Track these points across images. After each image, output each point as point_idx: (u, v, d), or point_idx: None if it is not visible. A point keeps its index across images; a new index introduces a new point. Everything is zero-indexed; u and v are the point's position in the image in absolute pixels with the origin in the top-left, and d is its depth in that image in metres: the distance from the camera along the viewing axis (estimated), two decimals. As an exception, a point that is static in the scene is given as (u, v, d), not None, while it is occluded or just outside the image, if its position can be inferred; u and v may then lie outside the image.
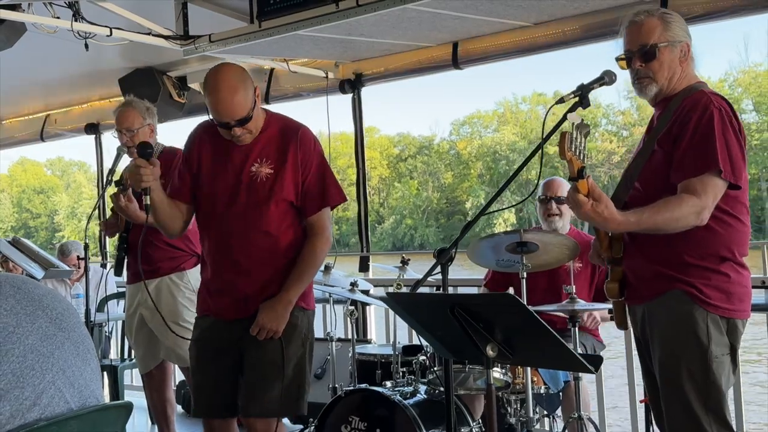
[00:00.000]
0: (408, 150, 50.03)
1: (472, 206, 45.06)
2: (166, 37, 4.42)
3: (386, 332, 5.20)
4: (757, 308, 3.72)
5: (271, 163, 2.95)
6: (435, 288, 4.21)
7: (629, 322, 2.76)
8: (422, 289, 2.61)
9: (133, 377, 6.17)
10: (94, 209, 4.91)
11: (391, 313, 5.00)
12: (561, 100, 2.57)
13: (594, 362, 2.37)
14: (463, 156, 47.90)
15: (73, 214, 54.00)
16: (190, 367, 3.23)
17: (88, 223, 4.39)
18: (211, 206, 3.03)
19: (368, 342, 4.93)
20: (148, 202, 2.92)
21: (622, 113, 41.95)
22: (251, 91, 2.91)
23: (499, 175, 45.17)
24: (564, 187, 4.02)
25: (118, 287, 5.73)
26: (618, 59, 2.69)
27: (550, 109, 2.67)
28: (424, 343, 3.42)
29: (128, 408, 1.60)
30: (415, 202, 47.46)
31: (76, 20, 4.10)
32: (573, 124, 2.39)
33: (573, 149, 2.37)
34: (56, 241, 48.26)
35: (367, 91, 5.31)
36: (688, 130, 2.49)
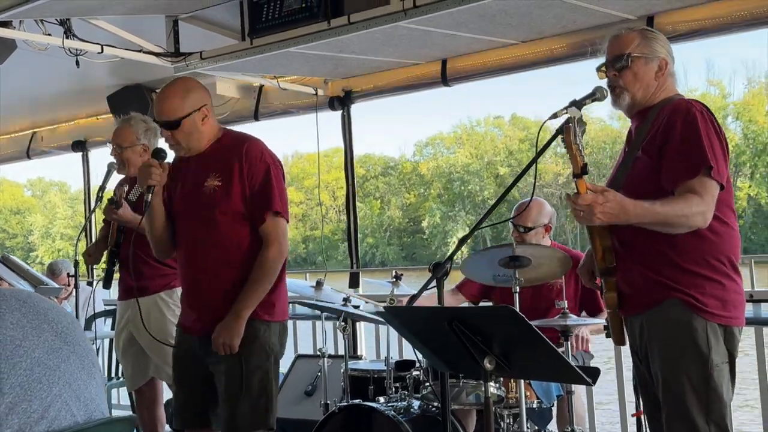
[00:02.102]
0: (373, 170, 50.73)
1: (428, 225, 46.58)
2: (157, 55, 4.43)
3: (376, 348, 5.20)
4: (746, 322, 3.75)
5: (219, 175, 3.04)
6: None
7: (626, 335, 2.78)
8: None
9: (120, 396, 6.12)
10: (84, 225, 4.90)
11: (382, 329, 5.01)
12: (554, 116, 2.61)
13: (591, 374, 2.38)
14: (426, 177, 49.03)
15: (47, 234, 54.18)
16: (172, 370, 3.31)
17: (78, 240, 4.38)
18: (177, 224, 3.15)
19: (359, 358, 4.92)
20: (149, 200, 3.01)
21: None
22: (191, 102, 3.03)
23: (453, 195, 46.71)
24: (533, 216, 3.98)
25: (105, 305, 5.70)
26: (598, 69, 2.77)
27: (543, 124, 2.70)
28: (417, 358, 3.43)
29: (132, 422, 1.60)
30: (378, 221, 48.12)
31: (67, 37, 4.10)
32: (574, 118, 2.42)
33: (577, 143, 2.40)
34: (30, 261, 48.21)
35: (338, 114, 5.31)
36: (675, 134, 2.53)
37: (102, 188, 4.07)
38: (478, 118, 49.88)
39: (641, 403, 2.90)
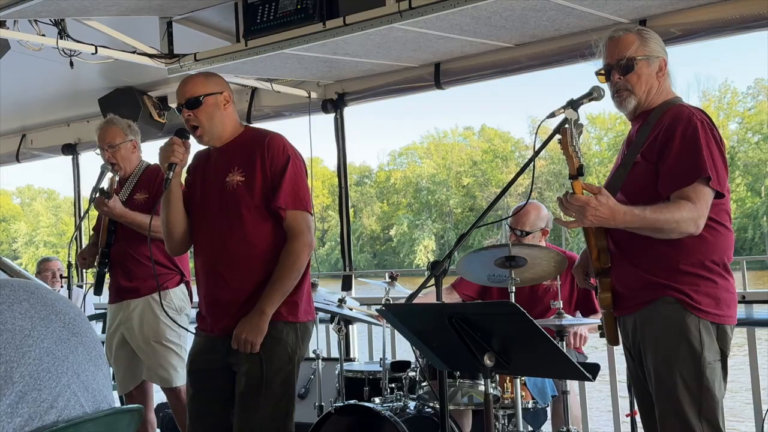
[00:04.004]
0: (349, 179, 51.61)
1: (396, 233, 48.05)
2: (150, 56, 4.42)
3: (369, 351, 5.20)
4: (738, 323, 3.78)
5: (241, 171, 2.99)
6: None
7: (620, 336, 2.80)
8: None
9: (109, 400, 6.08)
10: (77, 227, 4.88)
11: (375, 331, 5.02)
12: (552, 115, 2.62)
13: (591, 370, 2.40)
14: (398, 186, 50.59)
15: (31, 242, 54.15)
16: (186, 389, 3.19)
17: (70, 242, 4.36)
18: (195, 220, 3.08)
19: (352, 360, 4.91)
20: (170, 177, 2.95)
21: (527, 147, 46.95)
22: (213, 85, 3.03)
23: (421, 204, 48.38)
24: (531, 220, 4.01)
25: (96, 309, 5.67)
26: (597, 73, 2.78)
27: (540, 123, 2.72)
28: (416, 357, 3.44)
29: (140, 412, 1.59)
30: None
31: (61, 38, 4.09)
32: (571, 120, 2.44)
33: (574, 145, 2.42)
34: (14, 269, 48.26)
35: (320, 121, 5.33)
36: (675, 142, 2.55)
37: (96, 189, 4.05)
38: (445, 130, 51.58)
39: (635, 402, 2.91)
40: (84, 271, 6.49)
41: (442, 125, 66.17)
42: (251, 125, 3.22)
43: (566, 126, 2.48)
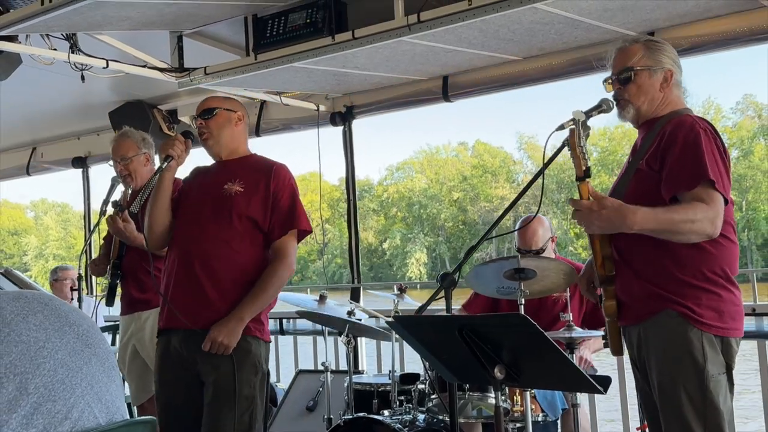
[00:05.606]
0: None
1: (389, 246, 49.63)
2: (161, 70, 4.46)
3: (378, 363, 5.20)
4: (748, 336, 3.76)
5: (242, 182, 3.11)
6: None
7: (624, 347, 2.80)
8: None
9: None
10: (87, 242, 4.90)
11: (383, 343, 5.01)
12: (561, 127, 2.63)
13: (602, 383, 2.39)
14: (392, 200, 51.82)
15: (40, 255, 54.63)
16: (155, 389, 3.23)
17: (81, 254, 4.38)
18: (181, 218, 3.17)
19: (360, 373, 4.91)
20: (163, 167, 3.08)
21: (514, 162, 50.22)
22: (231, 104, 3.23)
23: (414, 218, 50.07)
24: (540, 237, 4.00)
25: (106, 321, 5.68)
26: (605, 81, 2.80)
27: (550, 135, 2.73)
28: (426, 369, 3.43)
29: (153, 424, 1.60)
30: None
31: (72, 52, 4.13)
32: (578, 121, 2.45)
33: (582, 145, 2.42)
34: (25, 281, 48.78)
35: (321, 134, 5.33)
36: (676, 147, 2.55)
37: (106, 202, 4.08)
38: (437, 145, 52.85)
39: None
40: (95, 281, 6.51)
41: (435, 140, 67.15)
42: (258, 154, 3.32)
43: (574, 127, 2.49)
